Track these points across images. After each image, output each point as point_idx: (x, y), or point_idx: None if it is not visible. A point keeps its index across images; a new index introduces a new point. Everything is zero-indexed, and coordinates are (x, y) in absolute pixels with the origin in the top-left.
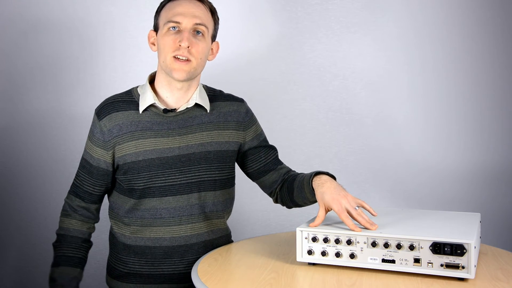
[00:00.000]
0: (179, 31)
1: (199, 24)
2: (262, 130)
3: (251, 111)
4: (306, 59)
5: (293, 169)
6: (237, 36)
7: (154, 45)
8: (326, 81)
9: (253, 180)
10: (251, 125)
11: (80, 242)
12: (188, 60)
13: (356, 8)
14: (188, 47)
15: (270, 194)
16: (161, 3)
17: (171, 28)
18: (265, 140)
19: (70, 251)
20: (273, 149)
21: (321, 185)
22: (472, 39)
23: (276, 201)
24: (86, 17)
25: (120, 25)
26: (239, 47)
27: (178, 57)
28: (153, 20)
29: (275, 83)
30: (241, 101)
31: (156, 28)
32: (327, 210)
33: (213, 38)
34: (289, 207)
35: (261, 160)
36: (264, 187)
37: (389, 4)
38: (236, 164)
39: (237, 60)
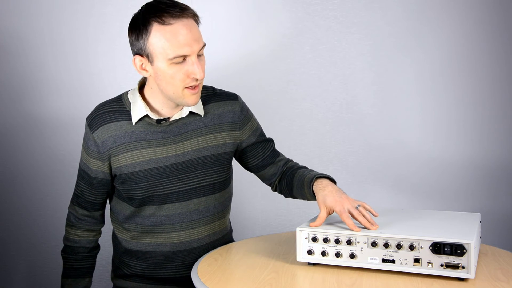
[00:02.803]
0: (184, 60)
1: (202, 47)
2: (258, 124)
3: (245, 106)
4: (306, 59)
5: (290, 159)
6: (237, 36)
7: (147, 71)
8: (326, 81)
9: (251, 172)
10: (247, 122)
11: (87, 252)
12: (197, 85)
13: (356, 8)
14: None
15: (269, 185)
16: (142, 22)
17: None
18: (261, 134)
19: (78, 263)
20: (269, 141)
21: (322, 189)
22: (472, 36)
23: (274, 190)
24: (85, 18)
25: (119, 25)
26: (239, 47)
27: (191, 88)
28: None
29: (275, 83)
30: (234, 98)
31: (145, 54)
32: (329, 212)
33: None
34: (286, 197)
35: (259, 156)
36: (263, 179)
37: (389, 4)
38: (234, 160)
39: (237, 60)
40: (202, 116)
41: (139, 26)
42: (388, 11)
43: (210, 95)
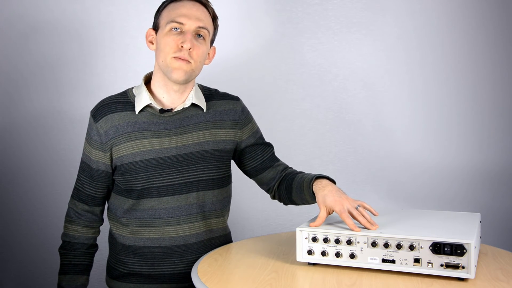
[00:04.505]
0: (181, 32)
1: (202, 27)
2: (258, 128)
3: (246, 109)
4: (306, 59)
5: (290, 166)
6: (236, 36)
7: (153, 43)
8: (326, 81)
9: (250, 177)
10: (247, 123)
11: (85, 248)
12: (188, 62)
13: (356, 8)
14: (189, 49)
15: (267, 191)
16: (163, 2)
17: (173, 29)
18: (261, 137)
19: (76, 259)
20: (269, 146)
21: (322, 189)
22: (472, 39)
23: (273, 198)
24: (85, 18)
25: (119, 25)
26: (239, 47)
27: (179, 57)
28: (153, 20)
29: (275, 83)
30: (236, 99)
31: (156, 27)
32: (329, 212)
33: (211, 43)
34: (286, 204)
35: (257, 158)
36: (261, 184)
37: (389, 4)
38: (233, 162)
39: (237, 60)
40: (204, 109)
41: (161, 5)
42: (388, 11)
43: (213, 93)
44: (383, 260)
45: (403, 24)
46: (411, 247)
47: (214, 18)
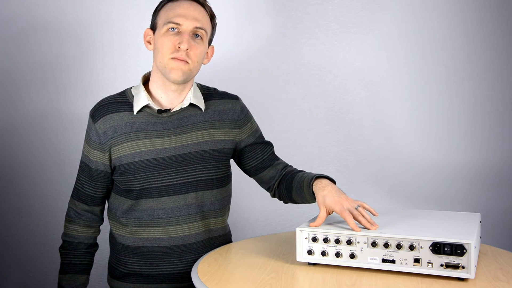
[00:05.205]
0: (178, 33)
1: (199, 27)
2: (257, 127)
3: (246, 108)
4: (306, 59)
5: (290, 164)
6: (236, 36)
7: (150, 43)
8: (326, 81)
9: (250, 176)
10: (247, 122)
11: (85, 248)
12: (186, 62)
13: (356, 8)
14: (186, 49)
15: (267, 190)
16: (161, 2)
17: (170, 29)
18: (260, 136)
19: (76, 258)
20: (269, 144)
21: (322, 189)
22: (472, 39)
23: (273, 196)
24: (85, 18)
25: (119, 25)
26: (238, 47)
27: (177, 58)
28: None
29: (275, 83)
30: (235, 98)
31: (153, 27)
32: (329, 212)
33: (209, 42)
34: (286, 202)
35: (257, 157)
36: (261, 183)
37: (389, 4)
38: (233, 161)
39: (237, 59)
40: (203, 109)
41: (158, 5)
42: (388, 11)
43: (212, 93)
44: (383, 260)
45: (403, 24)
46: (411, 247)
47: (212, 17)
